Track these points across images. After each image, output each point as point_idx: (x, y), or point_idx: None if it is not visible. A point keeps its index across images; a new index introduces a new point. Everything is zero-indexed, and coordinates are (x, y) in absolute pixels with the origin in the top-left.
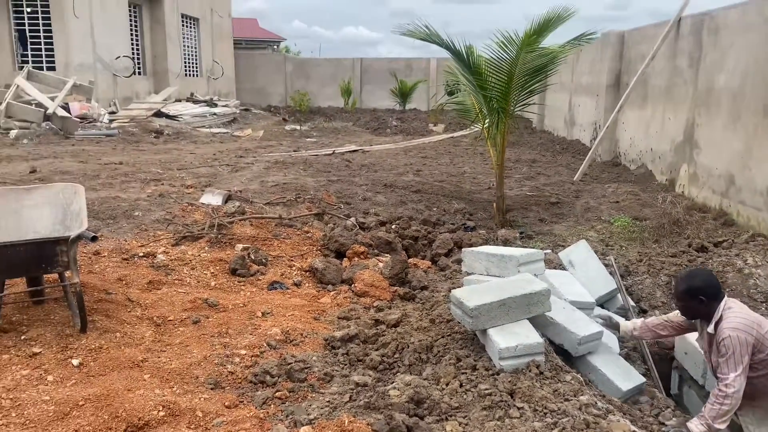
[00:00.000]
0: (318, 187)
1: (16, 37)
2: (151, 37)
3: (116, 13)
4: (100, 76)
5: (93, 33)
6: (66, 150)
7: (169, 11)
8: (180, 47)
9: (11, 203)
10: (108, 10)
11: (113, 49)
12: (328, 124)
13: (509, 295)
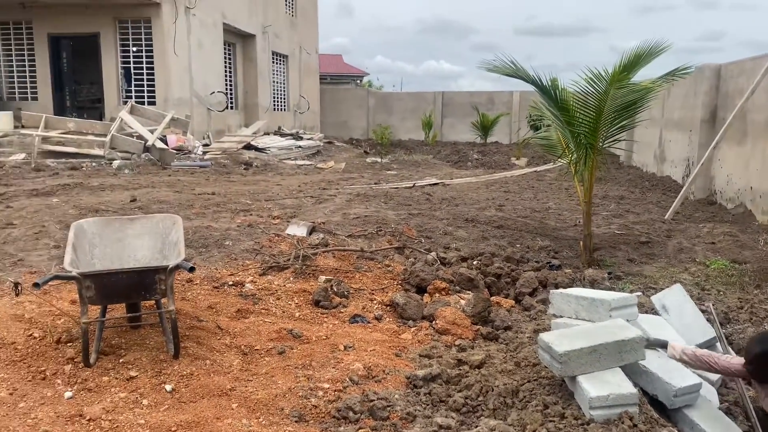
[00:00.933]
0: (399, 221)
1: (122, 74)
2: (243, 74)
3: (212, 52)
4: (195, 110)
5: (191, 70)
6: (163, 180)
7: (260, 49)
8: (270, 83)
9: (116, 232)
10: (205, 49)
11: (208, 84)
12: (408, 156)
13: (601, 342)
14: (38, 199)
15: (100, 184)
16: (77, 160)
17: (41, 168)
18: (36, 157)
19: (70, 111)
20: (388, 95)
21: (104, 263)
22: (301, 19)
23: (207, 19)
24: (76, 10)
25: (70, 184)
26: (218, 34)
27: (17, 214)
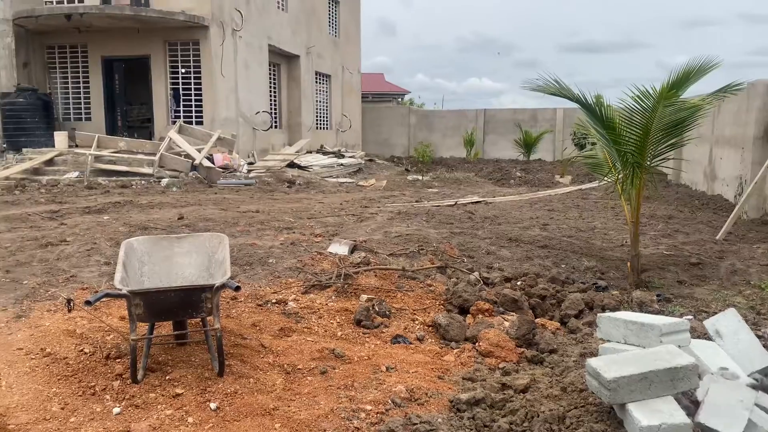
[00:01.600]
0: (440, 239)
1: (171, 95)
2: (287, 93)
3: (258, 72)
4: (241, 129)
5: (237, 90)
6: (209, 198)
7: (304, 70)
8: (313, 102)
9: (164, 250)
10: (251, 70)
11: (254, 104)
12: (450, 174)
13: (651, 369)
14: (90, 216)
15: (149, 202)
16: (127, 179)
17: (93, 186)
18: (89, 175)
19: (121, 131)
20: (430, 113)
21: (153, 281)
22: (344, 40)
23: (253, 41)
24: (129, 33)
25: (120, 201)
26: (264, 55)
27: (70, 231)
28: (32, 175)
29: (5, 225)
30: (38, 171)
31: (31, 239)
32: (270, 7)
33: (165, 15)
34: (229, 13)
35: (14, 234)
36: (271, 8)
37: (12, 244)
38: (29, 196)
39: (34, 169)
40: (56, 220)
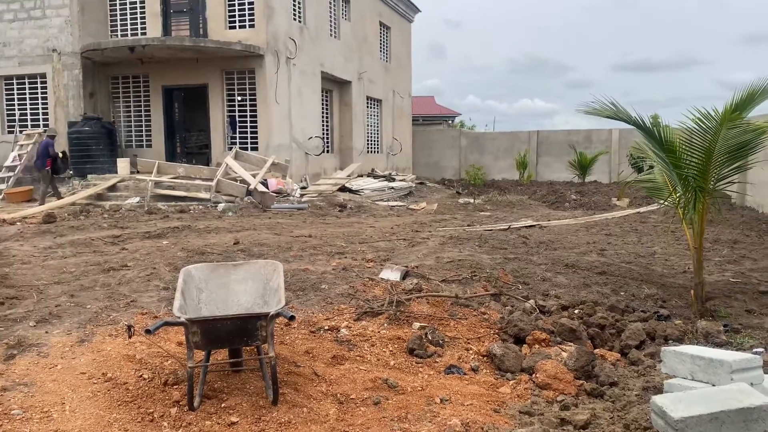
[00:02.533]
0: (494, 265)
1: (227, 122)
2: (339, 118)
3: (311, 99)
4: (294, 154)
5: (290, 117)
6: (263, 222)
7: (356, 95)
8: (364, 126)
9: (221, 277)
10: (304, 96)
11: (306, 130)
12: (502, 197)
13: (722, 409)
14: (150, 241)
15: (206, 227)
16: (185, 203)
17: (153, 211)
18: (149, 200)
19: (180, 157)
20: (481, 135)
21: (210, 308)
22: (395, 65)
23: (306, 69)
24: (188, 64)
25: (179, 226)
26: (317, 82)
27: (131, 257)
28: (96, 200)
29: (71, 250)
30: (101, 196)
31: (94, 264)
32: (323, 35)
33: (222, 45)
34: (283, 42)
35: (79, 259)
36: (324, 36)
37: (77, 268)
38: (93, 221)
39: (98, 194)
40: (118, 245)
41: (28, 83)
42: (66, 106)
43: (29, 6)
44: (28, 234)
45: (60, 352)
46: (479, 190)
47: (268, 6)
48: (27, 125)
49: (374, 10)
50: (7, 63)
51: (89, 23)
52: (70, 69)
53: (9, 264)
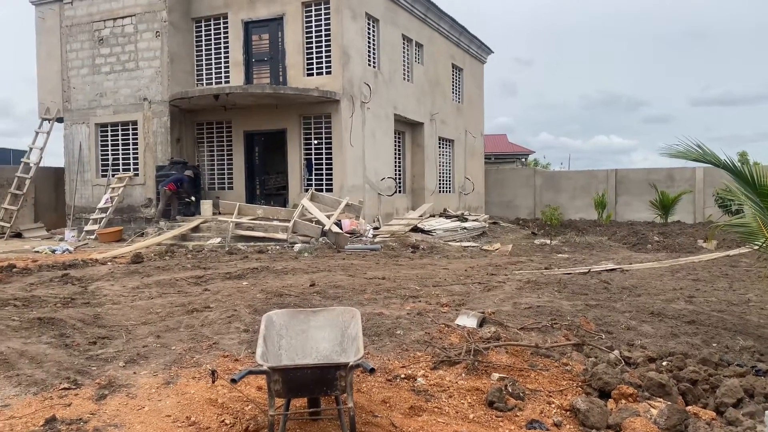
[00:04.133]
0: (575, 312)
1: (304, 165)
2: (411, 159)
3: (384, 140)
4: (367, 195)
5: (364, 158)
6: (338, 264)
7: (428, 136)
8: (436, 166)
9: (301, 324)
10: (377, 138)
11: (379, 171)
12: (580, 238)
13: None
14: (231, 282)
15: (283, 268)
16: (264, 244)
17: (233, 251)
18: (229, 241)
19: (259, 198)
20: (556, 173)
21: (290, 355)
22: (467, 105)
23: (380, 112)
24: (268, 110)
25: (257, 267)
26: (389, 124)
27: (213, 298)
28: (180, 240)
29: (157, 290)
30: (185, 237)
31: (179, 305)
32: (396, 79)
33: (301, 92)
34: (358, 87)
35: (165, 299)
36: (397, 80)
37: (162, 309)
38: (177, 261)
39: (182, 235)
40: (201, 285)
41: (121, 130)
42: (155, 151)
43: (124, 59)
44: (118, 274)
45: (147, 393)
46: (556, 230)
47: (345, 53)
48: (119, 169)
49: (447, 53)
50: (104, 111)
51: (177, 73)
52: (159, 116)
53: (101, 304)
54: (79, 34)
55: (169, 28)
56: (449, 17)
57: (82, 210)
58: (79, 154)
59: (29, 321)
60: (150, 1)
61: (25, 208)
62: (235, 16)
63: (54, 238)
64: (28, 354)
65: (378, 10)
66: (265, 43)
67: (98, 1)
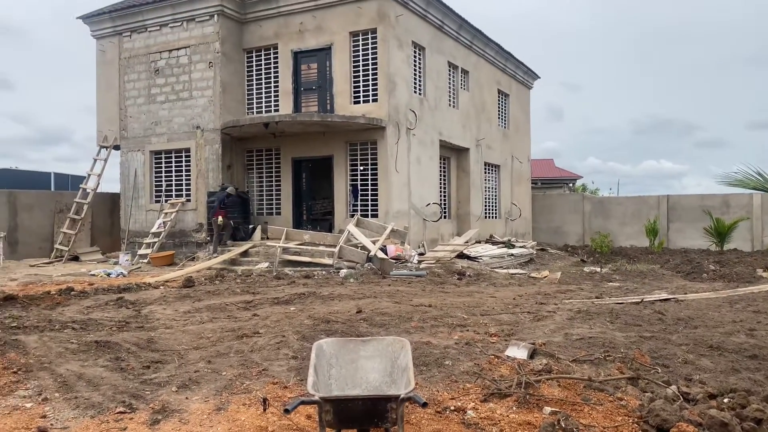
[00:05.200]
0: (628, 344)
1: (350, 190)
2: (456, 184)
3: (429, 166)
4: (412, 220)
5: (409, 184)
6: (383, 290)
7: (474, 161)
8: (481, 192)
9: (350, 353)
10: (422, 164)
11: (424, 196)
12: (631, 266)
13: None
14: (279, 307)
15: (329, 294)
16: (310, 269)
17: (281, 276)
18: (277, 265)
19: (305, 223)
20: (605, 199)
21: (340, 385)
22: (513, 130)
23: (425, 138)
24: (315, 137)
25: (304, 293)
26: (435, 150)
27: (262, 323)
28: (230, 265)
29: (208, 315)
30: (235, 261)
31: (229, 330)
32: (442, 105)
33: (348, 119)
34: (404, 114)
35: (215, 324)
36: (443, 106)
37: (213, 334)
38: (227, 285)
39: (231, 260)
40: (250, 310)
41: (174, 157)
42: (206, 177)
43: (178, 89)
44: (170, 298)
45: (199, 419)
46: (606, 257)
47: (391, 81)
48: (171, 195)
49: (492, 78)
50: (158, 139)
51: (229, 102)
52: (211, 144)
53: (154, 328)
54: (137, 66)
55: (221, 59)
56: (495, 44)
57: (136, 234)
58: (134, 181)
59: (87, 344)
60: (204, 33)
61: (83, 232)
62: (285, 46)
63: (109, 261)
64: (86, 377)
65: (424, 38)
66: (314, 72)
67: (155, 34)
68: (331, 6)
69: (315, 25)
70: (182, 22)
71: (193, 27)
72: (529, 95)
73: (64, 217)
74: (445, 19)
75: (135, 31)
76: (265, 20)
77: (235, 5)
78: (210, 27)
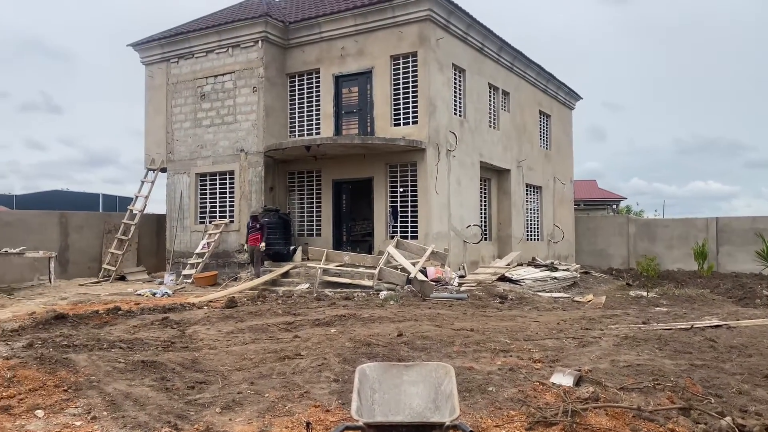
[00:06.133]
0: (679, 373)
1: (389, 212)
2: (497, 206)
3: (469, 187)
4: (452, 242)
5: (449, 206)
6: (424, 313)
7: (515, 183)
8: (523, 214)
9: (394, 378)
10: (462, 185)
11: (464, 218)
12: (679, 290)
13: None
14: (320, 329)
15: (369, 316)
16: (350, 290)
17: (321, 297)
18: (317, 286)
19: (345, 245)
20: (651, 222)
21: (383, 410)
22: (555, 151)
23: (466, 159)
24: (356, 159)
25: (345, 315)
26: (475, 171)
27: (304, 345)
28: (271, 286)
29: (250, 335)
30: (276, 282)
31: (271, 351)
32: (482, 127)
33: (388, 141)
34: (444, 136)
35: (258, 345)
36: (483, 128)
37: (256, 355)
38: (269, 306)
39: (273, 280)
40: (291, 331)
41: (219, 179)
42: (249, 199)
43: (223, 113)
44: (213, 318)
45: None
46: (652, 281)
47: (431, 103)
48: (215, 216)
49: (533, 100)
50: (203, 162)
51: (272, 126)
52: (254, 166)
53: (198, 348)
54: (183, 91)
55: (265, 84)
56: (536, 65)
57: (180, 255)
58: (179, 202)
59: (133, 363)
60: (248, 59)
61: (129, 252)
62: (326, 71)
63: (154, 281)
64: (133, 396)
65: (464, 61)
66: (354, 95)
67: (201, 60)
68: (372, 31)
69: (356, 49)
70: (227, 49)
71: (238, 53)
72: (571, 116)
73: (112, 238)
74: (485, 41)
75: (182, 58)
76: (308, 45)
77: (278, 31)
78: (254, 53)
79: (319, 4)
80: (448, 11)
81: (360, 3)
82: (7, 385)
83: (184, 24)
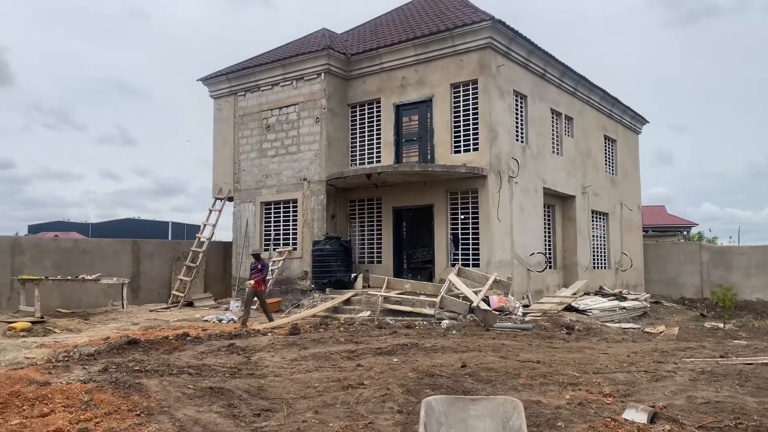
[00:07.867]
0: (762, 411)
1: (450, 239)
2: (562, 233)
3: (532, 214)
4: (515, 270)
5: (512, 233)
6: (487, 343)
7: (580, 209)
8: (589, 241)
9: (460, 412)
10: (525, 212)
11: (528, 246)
12: (759, 322)
13: None
14: (382, 357)
15: (432, 345)
16: (411, 319)
17: (382, 325)
18: (378, 314)
19: (405, 272)
20: (726, 249)
21: None
22: (621, 176)
23: (528, 186)
24: (416, 187)
25: (407, 344)
26: (538, 198)
27: (367, 374)
28: (333, 313)
29: (313, 363)
30: (337, 309)
31: (334, 380)
32: (545, 152)
33: (449, 169)
34: (506, 162)
35: (321, 374)
36: (546, 154)
37: (319, 383)
38: (331, 334)
39: (335, 307)
40: (354, 360)
41: (282, 208)
42: (311, 226)
43: (288, 143)
44: (277, 345)
45: None
46: (729, 312)
47: (492, 130)
48: (279, 243)
49: (598, 125)
50: (268, 191)
51: (334, 155)
52: (316, 195)
53: (264, 376)
54: (250, 122)
55: (327, 114)
56: (600, 89)
57: (245, 281)
58: (245, 230)
59: (202, 389)
60: (312, 91)
61: (197, 279)
62: (387, 100)
63: (220, 307)
64: (201, 422)
65: (526, 87)
66: (414, 124)
67: (266, 93)
68: (432, 60)
69: (416, 79)
70: (292, 81)
71: (302, 85)
72: (637, 140)
73: (181, 265)
74: (547, 66)
75: (249, 91)
76: (369, 76)
77: (340, 63)
78: (317, 85)
79: (380, 36)
80: (509, 39)
81: (420, 33)
82: (84, 408)
83: (250, 58)
